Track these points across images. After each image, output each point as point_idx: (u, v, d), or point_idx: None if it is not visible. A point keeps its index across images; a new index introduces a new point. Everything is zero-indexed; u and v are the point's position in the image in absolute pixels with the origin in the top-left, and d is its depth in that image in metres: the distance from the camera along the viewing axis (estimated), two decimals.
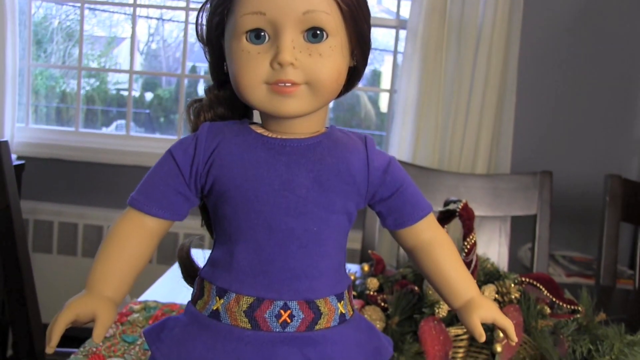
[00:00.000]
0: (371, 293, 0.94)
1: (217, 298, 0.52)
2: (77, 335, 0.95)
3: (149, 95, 2.80)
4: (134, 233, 0.54)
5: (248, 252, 0.52)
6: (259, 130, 0.56)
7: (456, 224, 0.95)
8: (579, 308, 0.97)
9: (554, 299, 0.97)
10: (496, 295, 0.92)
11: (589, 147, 2.37)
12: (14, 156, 2.19)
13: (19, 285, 1.17)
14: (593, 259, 2.18)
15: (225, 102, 0.57)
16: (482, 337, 0.55)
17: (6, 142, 1.15)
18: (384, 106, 2.63)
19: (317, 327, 0.52)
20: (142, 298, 1.12)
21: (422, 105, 2.16)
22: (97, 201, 2.42)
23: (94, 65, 2.74)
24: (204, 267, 0.56)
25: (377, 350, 0.55)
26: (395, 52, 2.43)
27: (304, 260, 0.52)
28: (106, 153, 2.39)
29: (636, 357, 0.95)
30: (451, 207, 0.93)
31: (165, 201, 0.54)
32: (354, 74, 0.57)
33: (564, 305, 0.97)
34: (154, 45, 2.89)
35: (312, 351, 0.50)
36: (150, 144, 2.44)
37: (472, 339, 0.88)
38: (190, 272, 0.61)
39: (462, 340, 0.88)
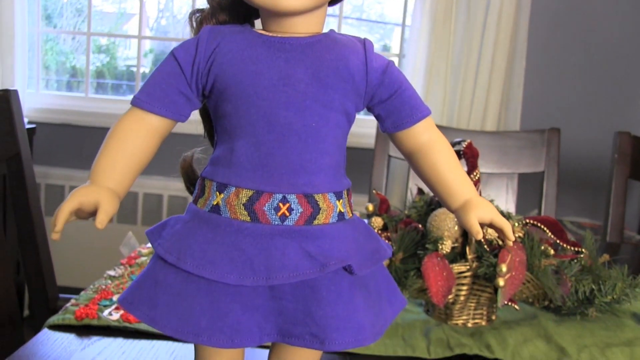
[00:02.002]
0: (375, 231, 0.94)
1: (217, 193, 0.53)
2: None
3: None
4: (136, 130, 0.55)
5: (248, 147, 0.52)
6: (260, 31, 0.56)
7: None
8: (583, 250, 0.97)
9: (557, 241, 0.97)
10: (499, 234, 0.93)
11: (598, 107, 2.36)
12: (25, 120, 2.20)
13: (34, 246, 1.18)
14: (601, 225, 2.17)
15: (228, 9, 0.58)
16: (479, 234, 0.56)
17: (15, 91, 1.17)
18: None
19: (315, 222, 0.52)
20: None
21: (430, 70, 2.16)
22: None
23: (103, 41, 2.75)
24: (205, 168, 0.57)
25: (375, 249, 0.56)
26: (404, 17, 2.42)
27: (303, 155, 0.52)
28: (116, 118, 2.36)
29: (637, 297, 0.96)
30: (456, 148, 0.94)
31: (167, 100, 0.55)
32: None
33: (568, 247, 0.97)
34: (163, 22, 2.88)
35: (310, 245, 0.51)
36: None
37: (475, 277, 0.89)
38: (192, 181, 0.63)
39: (465, 277, 0.89)
